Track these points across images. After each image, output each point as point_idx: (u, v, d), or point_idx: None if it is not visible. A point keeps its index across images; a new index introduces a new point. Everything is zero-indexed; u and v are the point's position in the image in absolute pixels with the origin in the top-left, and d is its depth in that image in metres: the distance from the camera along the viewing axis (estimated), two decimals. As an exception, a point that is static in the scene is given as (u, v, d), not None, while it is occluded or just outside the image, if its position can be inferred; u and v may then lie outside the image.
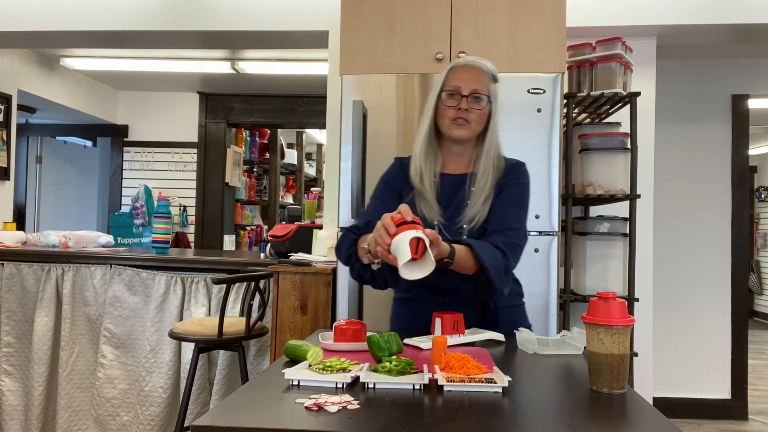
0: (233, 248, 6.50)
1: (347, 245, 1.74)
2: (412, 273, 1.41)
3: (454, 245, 1.60)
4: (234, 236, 6.58)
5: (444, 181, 1.81)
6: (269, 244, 3.29)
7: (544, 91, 2.61)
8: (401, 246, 1.39)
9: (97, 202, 6.95)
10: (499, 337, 1.69)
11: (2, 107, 4.78)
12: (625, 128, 3.06)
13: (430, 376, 1.20)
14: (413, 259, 1.38)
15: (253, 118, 6.41)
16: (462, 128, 1.76)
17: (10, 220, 4.61)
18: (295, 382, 1.16)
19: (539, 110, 2.61)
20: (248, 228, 7.18)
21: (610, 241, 2.96)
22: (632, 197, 2.90)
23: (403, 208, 1.48)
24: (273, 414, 1.01)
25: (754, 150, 8.84)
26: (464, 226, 1.75)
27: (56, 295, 3.33)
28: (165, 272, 3.25)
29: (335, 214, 3.29)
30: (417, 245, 1.39)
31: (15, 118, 4.93)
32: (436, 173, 1.81)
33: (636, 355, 3.00)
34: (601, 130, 3.02)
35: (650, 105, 3.49)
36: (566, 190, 2.93)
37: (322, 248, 3.08)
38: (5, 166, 4.78)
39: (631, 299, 2.86)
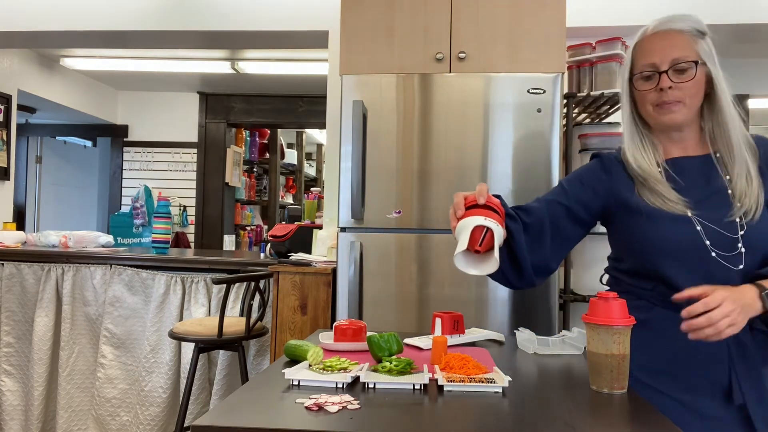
0: (233, 248, 6.50)
1: None
2: (470, 266, 1.19)
3: (761, 282, 1.26)
4: (234, 236, 6.58)
5: (681, 166, 1.42)
6: (269, 244, 3.29)
7: (544, 91, 2.61)
8: (463, 232, 1.18)
9: (97, 202, 6.95)
10: (499, 337, 1.69)
11: (2, 107, 4.78)
12: (625, 128, 3.06)
13: (430, 376, 1.20)
14: (476, 251, 1.18)
15: (253, 118, 6.41)
16: (672, 112, 1.39)
17: (10, 220, 4.61)
18: (295, 382, 1.16)
19: (539, 110, 2.61)
20: (248, 228, 7.18)
21: (610, 241, 2.96)
22: (632, 197, 2.89)
23: (479, 188, 1.26)
24: (273, 414, 1.01)
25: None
26: (737, 220, 1.34)
27: (56, 295, 3.33)
28: (165, 272, 3.25)
29: (335, 214, 3.29)
30: (483, 236, 1.17)
31: (15, 118, 4.93)
32: (659, 162, 1.43)
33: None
34: (601, 130, 3.02)
35: (650, 105, 3.49)
36: (566, 190, 2.92)
37: (322, 248, 3.08)
38: (5, 166, 4.78)
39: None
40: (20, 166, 6.19)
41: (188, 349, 3.16)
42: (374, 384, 1.15)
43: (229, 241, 6.40)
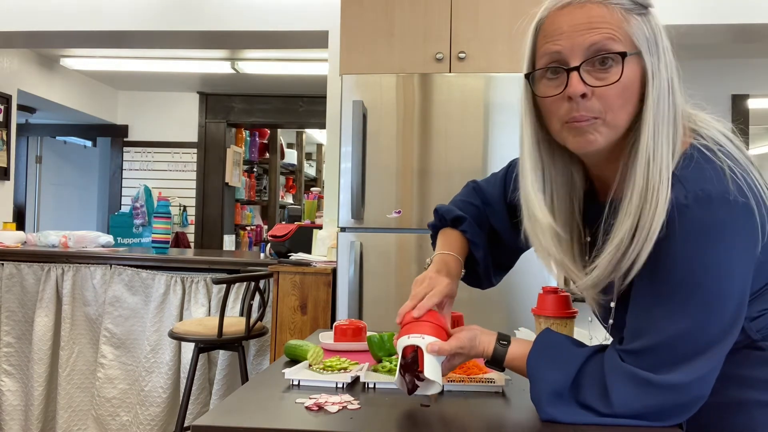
0: (233, 248, 6.50)
1: (433, 226, 1.28)
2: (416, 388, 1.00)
3: (511, 344, 1.01)
4: (234, 236, 6.58)
5: (588, 211, 1.03)
6: (269, 244, 3.28)
7: (544, 91, 2.62)
8: (399, 352, 1.01)
9: (97, 202, 6.94)
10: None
11: (2, 107, 4.78)
12: (625, 128, 3.06)
13: (430, 376, 1.20)
14: (418, 373, 0.98)
15: (253, 118, 6.41)
16: (589, 135, 0.92)
17: (10, 220, 4.61)
18: (295, 382, 1.16)
19: (539, 110, 2.61)
20: (248, 228, 7.18)
21: (610, 241, 2.96)
22: (632, 197, 2.89)
23: (414, 297, 1.07)
24: (273, 414, 1.01)
25: (754, 150, 8.83)
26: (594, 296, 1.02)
27: (56, 295, 3.33)
28: (165, 272, 3.24)
29: (335, 214, 3.29)
30: (415, 356, 0.99)
31: (15, 118, 4.92)
32: (577, 218, 1.03)
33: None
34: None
35: (650, 105, 3.49)
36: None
37: (322, 248, 3.08)
38: (5, 166, 4.78)
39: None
40: (20, 166, 6.18)
41: (188, 349, 3.16)
42: (374, 384, 1.14)
43: (229, 241, 6.40)
